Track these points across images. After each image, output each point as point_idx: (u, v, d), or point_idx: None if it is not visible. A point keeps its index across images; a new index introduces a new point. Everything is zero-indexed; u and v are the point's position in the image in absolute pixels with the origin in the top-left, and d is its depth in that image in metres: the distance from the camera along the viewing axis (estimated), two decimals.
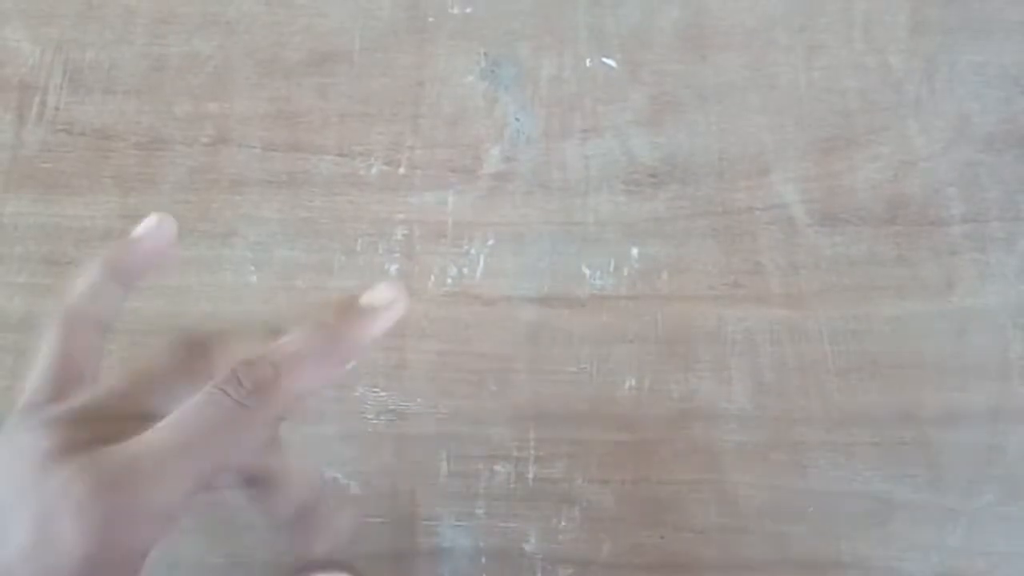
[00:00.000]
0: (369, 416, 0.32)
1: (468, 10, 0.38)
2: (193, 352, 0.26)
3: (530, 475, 0.32)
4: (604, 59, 0.37)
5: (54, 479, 0.21)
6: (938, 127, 0.36)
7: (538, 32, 0.38)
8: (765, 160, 0.35)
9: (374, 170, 0.36)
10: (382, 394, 0.33)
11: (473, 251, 0.35)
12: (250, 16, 0.38)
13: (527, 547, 0.31)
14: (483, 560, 0.31)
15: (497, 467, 0.32)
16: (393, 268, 0.35)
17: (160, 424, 0.23)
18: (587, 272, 0.34)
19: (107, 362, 0.33)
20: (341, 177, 0.36)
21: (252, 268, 0.35)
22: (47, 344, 0.26)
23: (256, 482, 0.25)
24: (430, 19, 0.38)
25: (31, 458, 0.22)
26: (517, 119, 0.36)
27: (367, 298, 0.27)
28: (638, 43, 0.37)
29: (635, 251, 0.35)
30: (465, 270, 0.34)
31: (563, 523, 0.32)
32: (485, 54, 0.37)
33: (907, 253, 0.34)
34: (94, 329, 0.27)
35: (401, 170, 0.36)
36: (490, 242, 0.35)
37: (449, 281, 0.34)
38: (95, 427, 0.23)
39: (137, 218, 0.35)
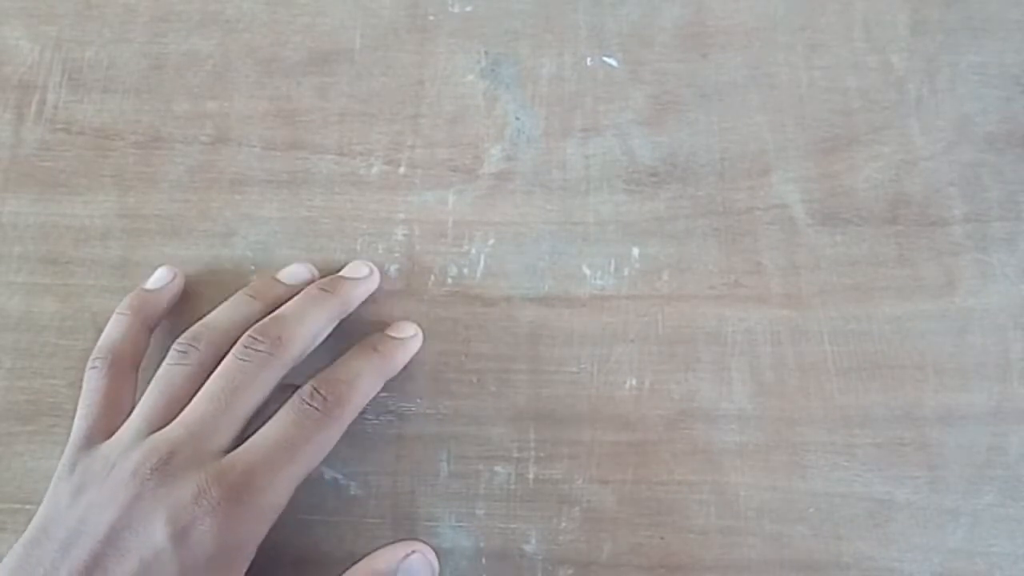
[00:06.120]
0: (369, 417, 0.32)
1: (468, 8, 0.38)
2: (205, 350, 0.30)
3: (530, 476, 0.32)
4: (605, 58, 0.37)
5: (183, 489, 0.25)
6: (939, 127, 0.36)
7: (538, 31, 0.37)
8: (766, 159, 0.35)
9: (374, 169, 0.36)
10: (382, 395, 0.32)
11: (473, 251, 0.35)
12: (250, 15, 0.38)
13: (527, 548, 0.31)
14: (484, 561, 0.31)
15: (497, 468, 0.32)
16: (393, 268, 0.34)
17: (261, 435, 0.27)
18: (587, 272, 0.34)
19: None
20: (341, 176, 0.36)
21: (252, 268, 0.35)
22: (93, 383, 0.29)
23: None
24: (430, 18, 0.38)
25: (148, 474, 0.25)
26: (517, 118, 0.36)
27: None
28: (639, 42, 0.37)
29: (635, 251, 0.34)
30: (465, 270, 0.34)
31: (563, 524, 0.32)
32: (486, 53, 0.37)
33: (908, 253, 0.34)
34: (131, 367, 0.30)
35: (401, 169, 0.36)
36: (490, 242, 0.35)
37: (449, 281, 0.34)
38: (194, 443, 0.26)
39: (136, 217, 0.35)
